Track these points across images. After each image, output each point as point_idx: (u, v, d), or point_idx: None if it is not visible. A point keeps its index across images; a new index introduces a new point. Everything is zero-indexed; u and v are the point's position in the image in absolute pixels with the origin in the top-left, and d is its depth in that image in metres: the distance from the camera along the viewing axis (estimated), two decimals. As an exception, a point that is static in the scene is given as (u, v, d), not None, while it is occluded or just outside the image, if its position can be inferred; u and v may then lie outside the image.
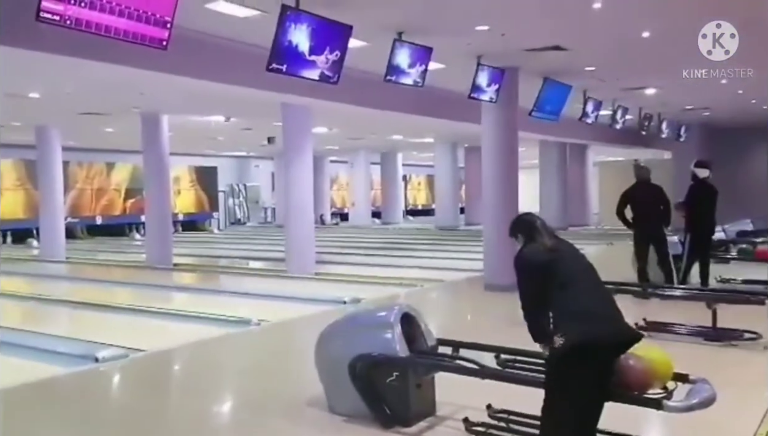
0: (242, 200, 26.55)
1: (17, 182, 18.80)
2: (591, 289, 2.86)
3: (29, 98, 10.32)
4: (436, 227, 21.69)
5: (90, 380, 5.25)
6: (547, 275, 2.83)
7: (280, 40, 5.41)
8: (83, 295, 9.10)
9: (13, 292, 10.03)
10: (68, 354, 5.74)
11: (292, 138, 10.62)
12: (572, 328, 2.70)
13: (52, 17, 4.08)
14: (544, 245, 2.98)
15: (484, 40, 7.29)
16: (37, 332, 6.67)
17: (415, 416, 3.76)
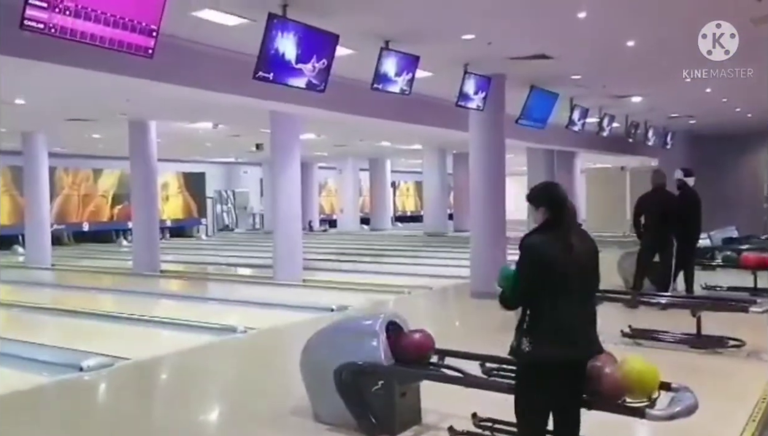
0: (230, 207, 26.46)
1: (3, 188, 18.61)
2: (580, 302, 2.76)
3: (15, 104, 10.24)
4: (424, 234, 21.73)
5: (74, 389, 5.20)
6: (548, 272, 2.68)
7: (267, 48, 5.42)
8: (69, 302, 9.01)
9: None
10: (53, 363, 5.69)
11: (280, 145, 10.62)
12: (545, 342, 2.68)
13: (36, 25, 4.06)
14: (565, 241, 2.71)
15: (471, 48, 7.34)
16: (21, 341, 6.59)
17: (400, 424, 3.76)
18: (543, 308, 2.70)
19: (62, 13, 4.11)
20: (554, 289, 2.68)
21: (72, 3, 4.16)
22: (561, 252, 2.70)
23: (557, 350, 2.69)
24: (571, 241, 2.72)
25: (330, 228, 26.03)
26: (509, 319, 7.17)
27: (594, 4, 5.94)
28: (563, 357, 2.70)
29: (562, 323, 2.70)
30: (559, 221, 2.74)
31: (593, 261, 2.82)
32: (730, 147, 18.67)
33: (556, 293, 2.69)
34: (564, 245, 2.70)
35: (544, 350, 2.68)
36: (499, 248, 8.92)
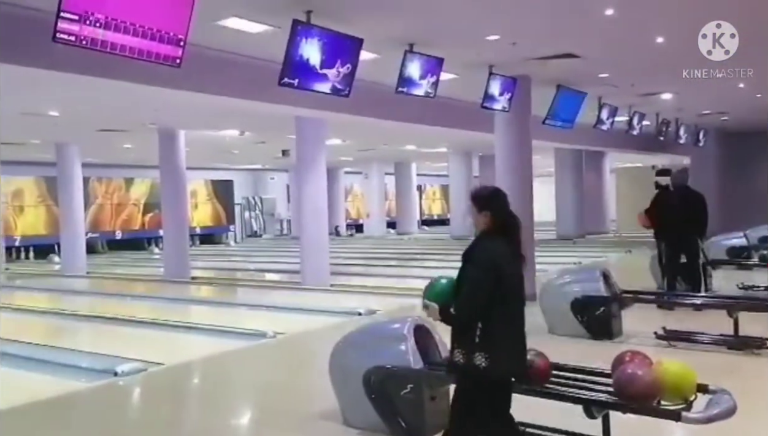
0: (258, 213, 26.73)
1: (39, 199, 19.14)
2: (521, 315, 2.73)
3: (48, 116, 10.52)
4: (451, 237, 21.63)
5: (110, 394, 5.31)
6: (503, 282, 2.60)
7: (292, 54, 5.47)
8: (104, 309, 9.20)
9: (35, 307, 10.20)
10: (89, 369, 5.81)
11: (306, 150, 10.69)
12: (501, 357, 2.59)
13: (68, 38, 4.17)
14: (515, 250, 2.70)
15: (496, 49, 7.29)
16: (59, 347, 6.75)
17: (429, 428, 3.72)
18: (497, 320, 2.59)
19: (93, 26, 4.22)
20: (507, 300, 2.62)
21: (102, 15, 4.26)
22: (510, 261, 2.65)
23: (513, 365, 2.64)
24: (518, 249, 2.68)
25: (356, 233, 26.09)
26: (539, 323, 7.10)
27: (621, 1, 5.84)
28: (519, 371, 2.68)
29: (515, 336, 2.66)
30: (506, 228, 2.69)
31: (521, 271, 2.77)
32: (765, 144, 18.17)
33: (508, 304, 2.62)
34: (513, 253, 2.67)
35: (502, 366, 2.59)
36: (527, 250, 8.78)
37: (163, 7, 4.56)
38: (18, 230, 18.55)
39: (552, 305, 6.55)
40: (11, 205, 18.41)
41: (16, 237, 18.36)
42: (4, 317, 9.58)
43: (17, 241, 18.42)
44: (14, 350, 6.70)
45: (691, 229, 7.39)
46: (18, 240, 18.45)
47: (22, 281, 14.28)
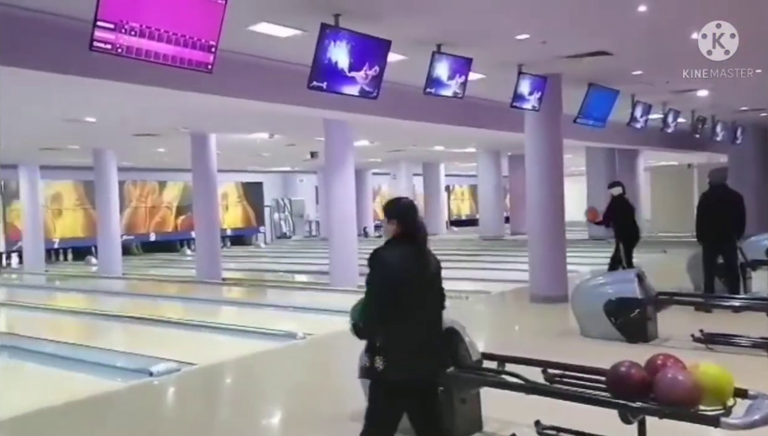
0: (287, 214, 26.97)
1: (77, 202, 19.68)
2: (428, 320, 2.77)
3: (86, 122, 10.81)
4: (480, 238, 21.48)
5: (145, 393, 5.42)
6: (401, 289, 2.65)
7: (320, 58, 5.51)
8: (139, 310, 9.40)
9: (73, 308, 10.49)
10: (125, 368, 5.95)
11: (335, 152, 10.75)
12: (397, 362, 2.66)
13: (104, 46, 4.28)
14: (419, 256, 2.75)
15: (525, 48, 7.22)
16: (96, 347, 6.93)
17: (460, 431, 3.71)
18: (396, 325, 2.66)
19: (128, 34, 4.32)
20: (407, 306, 2.66)
21: (137, 23, 4.36)
22: (414, 268, 2.70)
23: (411, 370, 2.68)
24: (425, 256, 2.75)
25: (385, 234, 26.12)
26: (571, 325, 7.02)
27: (654, -4, 5.73)
28: (416, 376, 2.71)
29: (415, 342, 2.69)
30: (411, 235, 2.74)
31: (438, 276, 2.83)
32: (808, 140, 17.59)
33: (409, 310, 2.67)
34: (417, 260, 2.72)
35: (399, 369, 2.66)
36: (558, 250, 8.72)
37: (196, 14, 4.65)
38: (57, 233, 19.10)
39: (584, 307, 6.45)
40: (50, 209, 18.96)
41: (55, 240, 18.91)
42: (44, 317, 9.90)
43: (56, 243, 18.96)
44: (54, 349, 6.92)
45: (729, 229, 7.22)
46: (57, 242, 19.00)
47: (61, 283, 14.70)
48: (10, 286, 14.89)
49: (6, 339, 7.84)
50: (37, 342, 7.33)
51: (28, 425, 4.61)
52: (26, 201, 17.14)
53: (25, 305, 10.98)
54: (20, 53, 5.20)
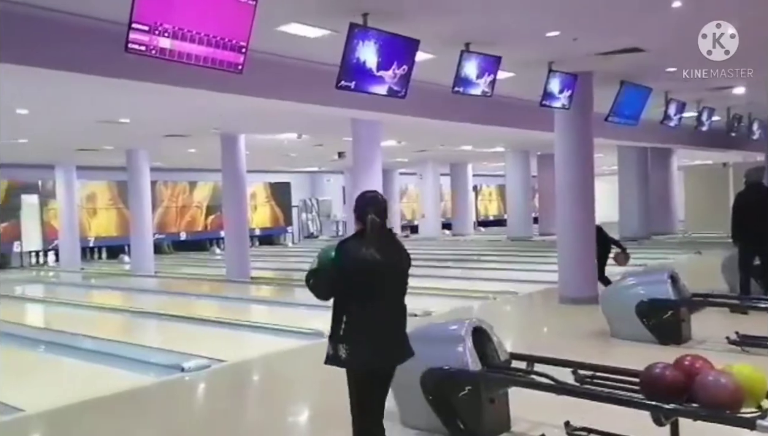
0: (315, 214, 27.15)
1: (110, 202, 20.14)
2: (390, 309, 2.91)
3: (120, 123, 11.05)
4: (508, 238, 21.30)
5: (176, 388, 5.52)
6: (357, 280, 2.81)
7: (349, 57, 5.53)
8: (171, 307, 9.58)
9: (108, 305, 10.75)
10: (157, 364, 6.07)
11: (362, 152, 10.77)
12: (359, 350, 2.82)
13: (139, 48, 4.37)
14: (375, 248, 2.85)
15: (556, 45, 7.14)
16: (130, 343, 7.09)
17: (489, 431, 3.69)
18: (357, 314, 2.82)
19: (161, 35, 4.41)
20: (366, 295, 2.82)
21: (170, 25, 4.44)
22: (372, 260, 2.83)
23: (372, 357, 2.84)
24: (385, 249, 2.87)
25: (411, 234, 26.10)
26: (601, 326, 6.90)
27: (688, -8, 5.61)
28: (378, 364, 2.88)
29: (376, 331, 2.84)
30: (374, 230, 2.88)
31: (399, 265, 2.95)
32: None
33: (368, 299, 2.82)
34: (376, 252, 2.84)
35: (360, 357, 2.82)
36: (588, 251, 8.59)
37: (227, 15, 4.71)
38: (92, 232, 19.57)
39: (615, 308, 6.35)
40: (86, 208, 19.44)
41: (90, 238, 19.38)
42: (80, 313, 10.16)
43: (91, 242, 19.44)
44: (90, 345, 7.10)
45: (765, 229, 7.03)
46: (92, 241, 19.47)
47: (96, 280, 15.07)
48: (48, 283, 15.32)
49: (43, 334, 8.08)
50: (73, 337, 7.53)
51: (64, 417, 4.74)
52: (62, 201, 17.61)
53: (62, 302, 11.29)
54: (58, 56, 5.35)
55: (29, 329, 8.76)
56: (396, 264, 2.94)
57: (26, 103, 8.98)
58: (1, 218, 17.50)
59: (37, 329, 8.75)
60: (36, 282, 15.33)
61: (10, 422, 4.56)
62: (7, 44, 4.99)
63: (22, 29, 5.07)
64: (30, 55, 5.18)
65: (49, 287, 14.58)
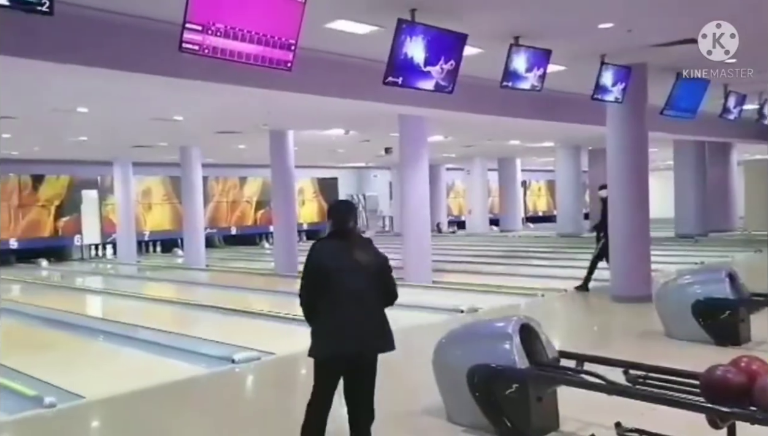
0: (361, 210, 27.32)
1: (164, 197, 20.81)
2: (359, 304, 3.07)
3: (174, 121, 11.40)
4: (557, 234, 20.89)
5: (227, 379, 5.68)
6: (322, 279, 3.07)
7: (396, 53, 5.54)
8: (222, 300, 9.84)
9: (162, 297, 11.13)
10: (209, 355, 6.25)
11: (409, 148, 10.77)
12: (321, 342, 3.11)
13: (192, 47, 4.51)
14: (339, 249, 3.12)
15: (609, 37, 6.94)
16: (183, 335, 7.32)
17: (536, 429, 3.65)
18: (323, 310, 3.10)
19: (214, 35, 4.52)
20: (330, 292, 3.06)
21: (222, 24, 4.56)
22: (340, 260, 3.08)
23: (329, 348, 3.09)
24: (353, 250, 3.10)
25: (458, 230, 25.94)
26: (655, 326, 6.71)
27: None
28: (333, 354, 3.09)
29: (336, 324, 3.08)
30: (341, 232, 3.16)
31: (370, 262, 3.14)
32: None
33: (332, 296, 3.06)
34: (345, 252, 3.09)
35: (321, 349, 3.10)
36: (642, 248, 8.34)
37: (276, 14, 4.80)
38: (147, 226, 20.29)
39: (670, 307, 6.15)
40: (141, 203, 20.16)
41: (145, 232, 20.10)
42: (136, 305, 10.56)
43: (146, 236, 20.15)
44: (146, 335, 7.37)
45: None
46: (147, 235, 20.18)
47: (151, 273, 15.62)
48: (106, 275, 15.99)
49: (103, 325, 8.44)
50: (130, 328, 7.84)
51: (122, 405, 4.94)
52: (120, 196, 18.32)
53: (120, 294, 11.77)
54: (116, 56, 5.56)
55: (89, 319, 9.17)
56: (365, 266, 3.12)
57: (86, 102, 9.38)
58: (63, 212, 18.35)
59: (96, 320, 9.15)
60: (95, 274, 16.02)
61: (71, 408, 4.79)
62: (68, 46, 5.23)
63: (82, 31, 5.30)
64: (90, 56, 5.42)
65: (107, 279, 15.22)
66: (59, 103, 9.16)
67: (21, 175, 17.55)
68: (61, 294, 12.36)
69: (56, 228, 18.24)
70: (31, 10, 3.80)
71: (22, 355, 6.53)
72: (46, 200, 18.08)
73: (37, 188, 17.91)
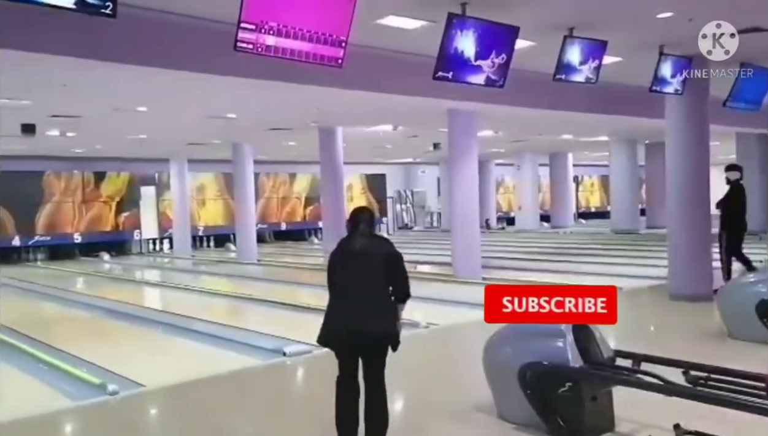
0: (409, 206, 27.31)
1: (218, 193, 21.37)
2: (351, 293, 3.41)
3: (227, 118, 11.69)
4: (612, 231, 20.32)
5: (278, 372, 5.80)
6: (331, 271, 3.55)
7: (447, 47, 5.51)
8: (273, 294, 10.04)
9: (217, 290, 11.45)
10: (261, 348, 6.39)
11: (458, 143, 10.69)
12: (323, 327, 3.48)
13: (246, 46, 4.61)
14: (346, 245, 3.52)
15: (668, 27, 6.70)
16: (236, 327, 7.50)
17: (590, 429, 3.57)
18: (331, 300, 3.53)
19: (267, 33, 4.61)
20: (337, 284, 3.51)
21: (275, 23, 4.64)
22: (342, 253, 3.52)
23: (327, 333, 3.46)
24: (353, 247, 3.46)
25: (508, 226, 25.59)
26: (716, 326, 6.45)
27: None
28: (329, 336, 3.46)
29: (336, 310, 3.47)
30: (349, 234, 3.56)
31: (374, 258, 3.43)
32: None
33: (335, 286, 3.51)
34: (344, 248, 3.51)
35: (323, 336, 3.49)
36: (703, 245, 8.03)
37: (328, 11, 4.85)
38: (201, 221, 20.90)
39: (733, 306, 5.90)
40: (196, 199, 20.77)
41: (199, 227, 20.70)
42: (192, 297, 10.90)
43: (200, 231, 20.76)
44: (201, 327, 7.60)
45: None
46: (201, 230, 20.79)
47: (206, 267, 16.08)
48: (163, 268, 16.57)
49: (160, 316, 8.75)
50: (186, 320, 8.10)
51: (180, 393, 5.12)
52: (176, 192, 18.93)
53: (176, 286, 12.17)
54: (173, 56, 5.75)
55: (148, 310, 9.52)
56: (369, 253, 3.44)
57: (145, 102, 9.73)
58: (123, 208, 19.11)
59: (154, 311, 9.49)
60: (153, 268, 16.63)
61: (133, 395, 5.00)
62: (130, 48, 5.44)
63: (142, 32, 5.49)
64: (150, 57, 5.62)
65: (164, 272, 15.76)
66: (121, 102, 9.54)
67: (84, 172, 18.37)
68: (122, 286, 12.89)
69: (117, 223, 19.02)
70: (95, 12, 3.97)
71: (87, 344, 6.85)
72: (108, 196, 18.86)
73: (99, 185, 18.70)
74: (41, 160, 17.00)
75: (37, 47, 5.24)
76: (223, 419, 4.53)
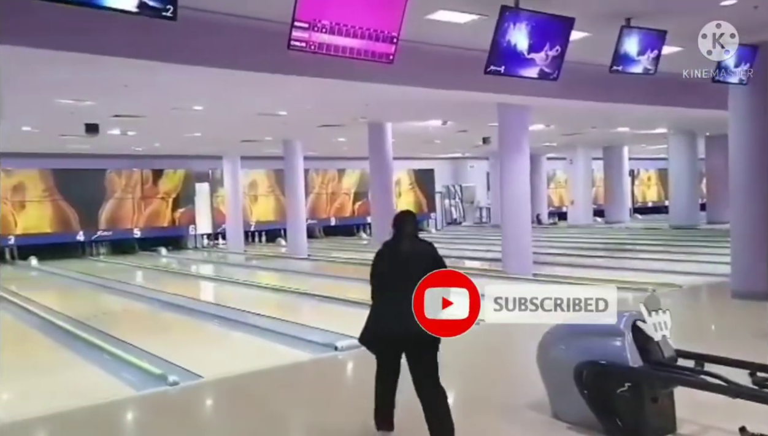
0: (458, 201, 27.11)
1: (269, 189, 21.80)
2: (397, 295, 3.40)
3: (278, 116, 11.89)
4: (669, 226, 19.62)
5: (330, 365, 5.88)
6: (375, 273, 3.70)
7: (499, 41, 5.44)
8: (324, 289, 10.18)
9: (269, 284, 11.70)
10: (313, 342, 6.50)
11: (508, 137, 10.54)
12: (366, 327, 3.62)
13: (299, 44, 4.68)
14: (392, 248, 3.70)
15: (732, 15, 6.39)
16: (289, 321, 7.65)
17: (651, 431, 3.47)
18: (374, 301, 3.68)
19: (320, 31, 4.67)
20: (378, 284, 3.68)
21: (327, 21, 4.69)
22: (386, 256, 3.70)
23: (369, 332, 3.60)
24: (400, 250, 3.66)
25: (560, 221, 25.08)
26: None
27: None
28: (373, 336, 3.60)
29: (378, 310, 3.62)
30: (394, 235, 3.74)
31: (417, 261, 3.56)
32: None
33: (378, 287, 3.67)
34: (389, 250, 3.71)
35: (364, 334, 3.63)
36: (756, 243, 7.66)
37: (380, 8, 4.87)
38: (253, 217, 21.37)
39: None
40: (248, 195, 21.25)
41: (251, 223, 21.17)
42: (245, 291, 11.18)
43: (252, 226, 21.23)
44: (255, 320, 7.79)
45: None
46: (253, 225, 21.26)
47: (258, 262, 16.45)
48: (217, 263, 17.04)
49: (216, 309, 9.01)
50: (240, 313, 8.31)
51: (237, 385, 5.27)
52: (229, 188, 19.42)
53: (230, 281, 12.50)
54: (227, 56, 5.90)
55: (204, 304, 9.83)
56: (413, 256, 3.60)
57: (201, 100, 10.01)
58: (179, 204, 19.75)
59: (210, 305, 9.79)
60: (207, 262, 17.12)
61: (192, 386, 5.18)
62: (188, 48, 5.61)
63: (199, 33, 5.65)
64: (207, 57, 5.78)
65: (218, 267, 16.21)
66: (178, 102, 9.85)
67: (143, 170, 19.08)
68: (179, 280, 13.34)
69: (173, 219, 19.67)
70: (156, 15, 4.11)
71: (147, 335, 7.13)
72: (165, 193, 19.53)
73: (157, 182, 19.39)
74: (103, 158, 17.75)
75: (100, 50, 5.47)
76: (279, 409, 4.65)
